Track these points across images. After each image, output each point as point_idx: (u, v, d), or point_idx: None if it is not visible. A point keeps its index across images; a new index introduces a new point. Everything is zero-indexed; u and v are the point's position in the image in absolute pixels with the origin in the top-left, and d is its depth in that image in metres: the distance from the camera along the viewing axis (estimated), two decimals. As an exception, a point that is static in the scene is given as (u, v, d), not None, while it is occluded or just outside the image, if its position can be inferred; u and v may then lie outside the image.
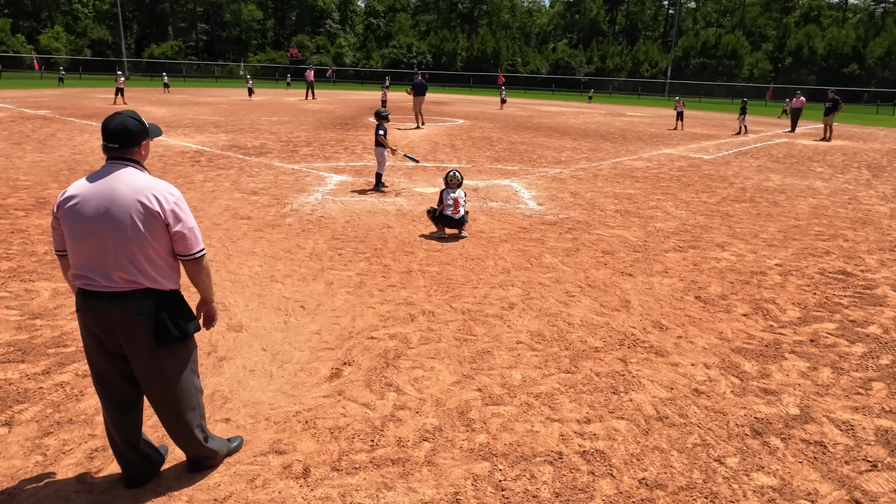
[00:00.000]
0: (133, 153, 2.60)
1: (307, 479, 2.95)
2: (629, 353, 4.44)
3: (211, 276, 2.78)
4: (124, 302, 2.51)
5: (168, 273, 2.60)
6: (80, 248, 2.50)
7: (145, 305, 2.53)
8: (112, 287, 2.50)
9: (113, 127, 2.55)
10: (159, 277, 2.56)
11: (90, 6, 76.57)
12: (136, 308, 2.52)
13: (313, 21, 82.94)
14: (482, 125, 23.21)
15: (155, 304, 2.56)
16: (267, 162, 12.59)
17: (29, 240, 6.65)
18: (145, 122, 2.66)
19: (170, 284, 2.61)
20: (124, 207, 2.46)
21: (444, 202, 7.34)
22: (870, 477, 3.13)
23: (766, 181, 12.54)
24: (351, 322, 4.81)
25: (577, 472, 3.08)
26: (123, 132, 2.56)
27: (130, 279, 2.50)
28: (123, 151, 2.58)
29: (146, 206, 2.48)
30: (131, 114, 2.64)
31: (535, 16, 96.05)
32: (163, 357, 2.62)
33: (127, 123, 2.57)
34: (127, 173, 2.54)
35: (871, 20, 77.29)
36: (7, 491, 2.79)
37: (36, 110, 22.13)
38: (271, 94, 40.13)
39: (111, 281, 2.49)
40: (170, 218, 2.52)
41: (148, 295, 2.54)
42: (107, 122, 2.58)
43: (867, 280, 6.33)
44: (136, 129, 2.59)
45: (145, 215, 2.48)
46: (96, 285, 2.50)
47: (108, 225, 2.46)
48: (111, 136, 2.55)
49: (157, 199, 2.50)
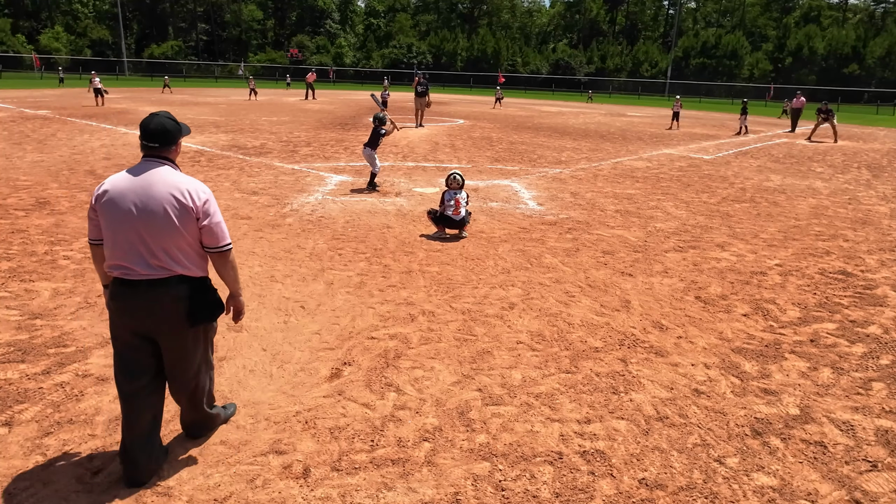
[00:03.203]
0: (170, 152, 2.83)
1: (307, 479, 2.95)
2: (629, 354, 4.44)
3: (237, 270, 2.98)
4: (162, 288, 2.73)
5: (198, 261, 2.84)
6: (118, 238, 2.70)
7: (181, 290, 2.77)
8: (149, 275, 2.71)
9: (153, 127, 2.77)
10: (191, 265, 2.80)
11: (90, 6, 76.59)
12: (174, 293, 2.75)
13: (313, 21, 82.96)
14: (482, 125, 23.22)
15: (189, 289, 2.79)
16: (267, 162, 12.59)
17: (29, 240, 6.64)
18: (179, 123, 2.90)
19: (200, 272, 2.86)
20: (160, 202, 2.68)
21: (446, 203, 7.34)
22: (870, 477, 3.13)
23: (767, 181, 12.54)
24: (351, 322, 4.81)
25: (577, 472, 3.08)
26: (163, 132, 2.78)
27: (165, 267, 2.72)
28: (161, 150, 2.80)
29: (180, 202, 2.70)
30: (168, 115, 2.86)
31: (535, 16, 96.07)
32: (190, 335, 2.87)
33: (166, 124, 2.79)
34: (163, 171, 2.76)
35: (871, 20, 77.31)
36: (7, 491, 2.79)
37: (36, 110, 22.13)
38: (271, 95, 40.14)
39: (149, 269, 2.71)
40: (201, 213, 2.75)
41: (182, 281, 2.77)
42: (146, 122, 2.79)
43: (867, 280, 6.33)
44: (173, 129, 2.82)
45: (180, 210, 2.70)
46: (133, 274, 2.71)
47: (145, 217, 2.67)
48: (151, 135, 2.77)
49: (191, 196, 2.73)
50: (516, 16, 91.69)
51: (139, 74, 67.29)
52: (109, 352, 4.14)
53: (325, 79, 61.78)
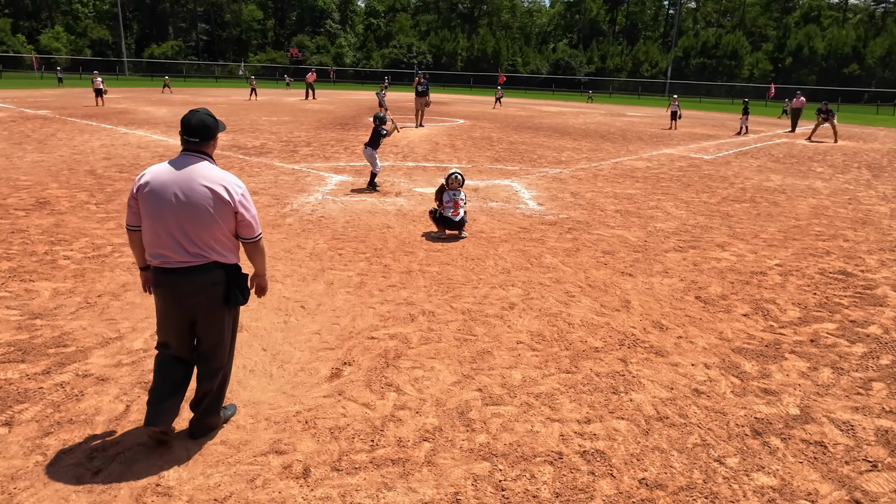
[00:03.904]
0: (207, 146, 3.01)
1: (307, 479, 2.95)
2: (629, 354, 4.44)
3: (265, 255, 3.23)
4: (200, 273, 2.94)
5: (233, 249, 3.06)
6: (158, 228, 2.88)
7: (218, 275, 2.99)
8: (188, 262, 2.91)
9: (195, 123, 2.95)
10: (226, 253, 3.01)
11: (90, 6, 76.59)
12: (212, 278, 2.98)
13: (313, 21, 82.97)
14: (482, 125, 23.21)
15: (224, 274, 3.02)
16: (267, 162, 12.59)
17: (29, 240, 6.65)
18: (217, 119, 3.08)
19: (234, 259, 3.07)
20: (200, 195, 2.86)
21: (445, 204, 7.33)
22: (870, 477, 3.13)
23: (767, 181, 12.54)
24: (351, 322, 4.81)
25: (578, 472, 3.08)
26: (203, 128, 2.96)
27: (203, 255, 2.92)
28: (201, 145, 2.98)
29: (219, 195, 2.89)
30: (207, 112, 3.03)
31: (536, 16, 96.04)
32: (225, 316, 3.11)
33: (206, 120, 2.98)
34: (203, 166, 2.94)
35: (871, 20, 77.30)
36: (7, 491, 2.79)
37: (36, 110, 22.13)
38: (271, 94, 40.14)
39: (187, 256, 2.90)
40: (238, 207, 2.95)
41: (219, 267, 2.99)
42: (188, 118, 2.97)
43: (867, 280, 6.33)
44: (212, 125, 3.00)
45: (219, 203, 2.89)
46: (172, 262, 2.90)
47: (186, 208, 2.85)
48: (192, 131, 2.95)
49: (228, 190, 2.92)
50: (516, 16, 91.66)
51: (139, 74, 67.30)
52: (109, 352, 4.14)
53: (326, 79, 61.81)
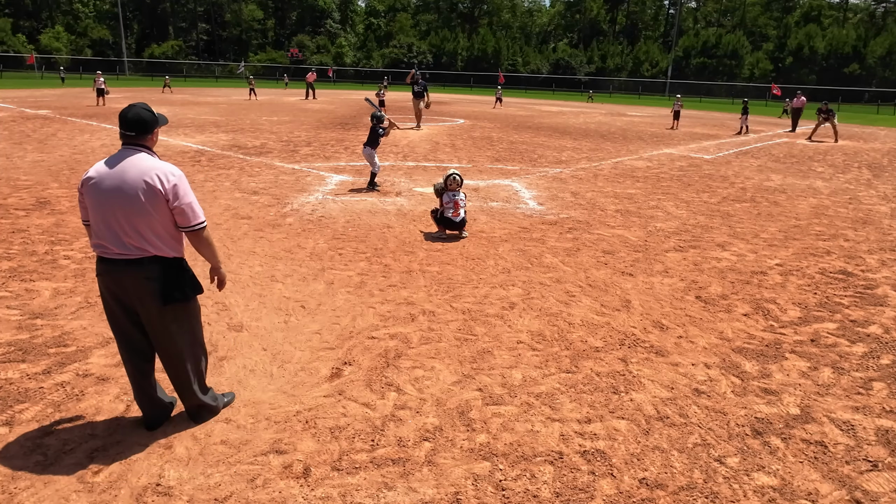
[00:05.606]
0: (146, 140, 3.01)
1: (307, 479, 2.95)
2: (630, 353, 4.44)
3: (213, 246, 3.13)
4: (135, 267, 2.91)
5: (171, 243, 2.99)
6: (98, 220, 2.90)
7: (153, 270, 2.94)
8: (125, 254, 2.90)
9: (131, 117, 2.96)
10: (163, 246, 2.96)
11: (91, 6, 76.62)
12: (146, 273, 2.93)
13: (313, 21, 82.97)
14: (482, 125, 23.21)
15: (161, 269, 2.96)
16: (267, 162, 12.59)
17: (29, 240, 6.65)
18: (156, 113, 3.07)
19: (173, 252, 3.01)
20: (132, 186, 2.86)
21: (445, 205, 7.33)
22: (870, 477, 3.12)
23: (767, 181, 12.53)
24: (351, 322, 4.81)
25: (578, 471, 3.08)
26: (139, 122, 2.97)
27: (139, 247, 2.90)
28: (138, 138, 2.98)
29: (150, 185, 2.87)
30: (144, 106, 3.03)
31: (536, 16, 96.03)
32: (168, 315, 3.04)
33: (142, 114, 2.98)
34: (138, 157, 2.94)
35: (871, 20, 77.26)
36: (7, 491, 2.79)
37: (36, 110, 22.13)
38: (271, 94, 40.14)
39: (124, 248, 2.89)
40: (170, 195, 2.90)
41: (155, 261, 2.94)
42: (124, 112, 2.98)
43: (868, 280, 6.33)
44: (149, 119, 3.01)
45: (150, 192, 2.86)
46: (110, 253, 2.91)
47: (119, 200, 2.86)
48: (129, 125, 2.96)
49: (160, 179, 2.89)
50: (516, 15, 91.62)
51: (140, 74, 67.32)
52: (110, 351, 4.14)
53: (326, 78, 61.80)
